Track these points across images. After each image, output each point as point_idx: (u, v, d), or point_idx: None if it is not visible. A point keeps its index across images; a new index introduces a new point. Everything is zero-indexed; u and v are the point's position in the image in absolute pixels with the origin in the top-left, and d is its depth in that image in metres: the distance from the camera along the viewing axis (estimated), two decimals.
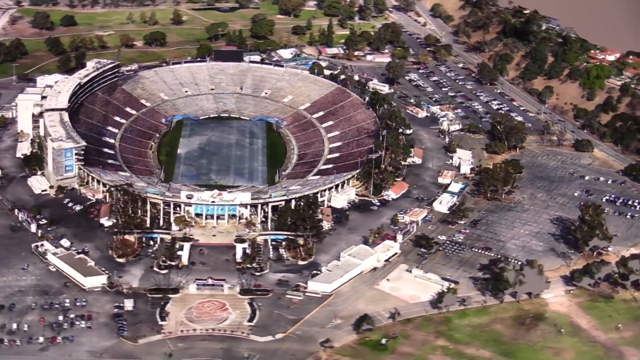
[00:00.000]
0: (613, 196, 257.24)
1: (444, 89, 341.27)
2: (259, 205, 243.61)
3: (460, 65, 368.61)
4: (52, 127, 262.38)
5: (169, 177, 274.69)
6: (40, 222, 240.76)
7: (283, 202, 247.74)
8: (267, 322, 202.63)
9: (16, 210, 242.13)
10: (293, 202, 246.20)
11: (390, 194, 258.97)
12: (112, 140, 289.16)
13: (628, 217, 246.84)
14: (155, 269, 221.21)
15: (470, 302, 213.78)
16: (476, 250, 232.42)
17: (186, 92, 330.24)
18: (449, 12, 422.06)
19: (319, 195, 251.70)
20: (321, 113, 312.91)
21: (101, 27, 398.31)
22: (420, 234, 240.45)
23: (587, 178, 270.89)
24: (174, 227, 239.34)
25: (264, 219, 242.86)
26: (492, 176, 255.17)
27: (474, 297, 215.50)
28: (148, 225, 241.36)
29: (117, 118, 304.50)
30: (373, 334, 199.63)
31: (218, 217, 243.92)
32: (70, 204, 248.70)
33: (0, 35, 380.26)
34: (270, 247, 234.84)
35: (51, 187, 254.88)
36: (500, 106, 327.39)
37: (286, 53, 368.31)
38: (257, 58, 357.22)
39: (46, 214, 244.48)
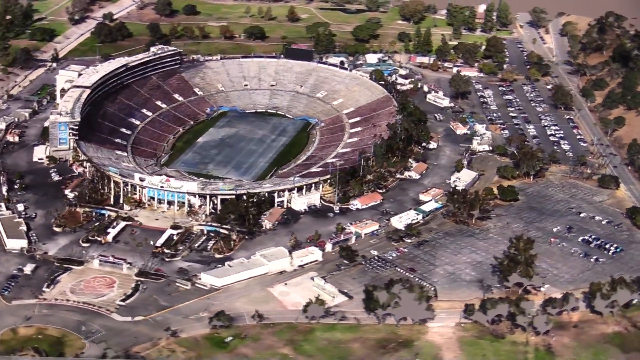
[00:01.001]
0: (592, 237, 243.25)
1: (509, 109, 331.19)
2: (207, 197, 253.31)
3: (550, 86, 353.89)
4: (64, 102, 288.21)
5: (170, 162, 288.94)
6: (15, 186, 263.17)
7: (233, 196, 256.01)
8: (138, 305, 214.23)
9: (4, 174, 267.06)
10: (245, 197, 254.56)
11: (357, 204, 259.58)
12: (137, 122, 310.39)
13: (592, 260, 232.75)
14: (80, 241, 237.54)
15: (348, 318, 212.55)
16: (400, 270, 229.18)
17: (245, 85, 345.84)
18: (578, 32, 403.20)
19: (276, 195, 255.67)
20: (358, 118, 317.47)
21: (219, 18, 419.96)
22: (347, 246, 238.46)
23: (582, 215, 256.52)
24: (126, 207, 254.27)
25: (212, 210, 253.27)
26: (456, 200, 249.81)
27: (358, 314, 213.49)
28: (112, 202, 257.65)
29: (158, 102, 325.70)
30: (226, 331, 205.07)
31: (170, 203, 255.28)
32: (52, 174, 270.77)
33: (123, 18, 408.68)
34: (204, 237, 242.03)
35: (47, 157, 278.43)
36: (556, 132, 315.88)
37: (373, 58, 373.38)
38: (338, 60, 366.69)
39: (26, 180, 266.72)
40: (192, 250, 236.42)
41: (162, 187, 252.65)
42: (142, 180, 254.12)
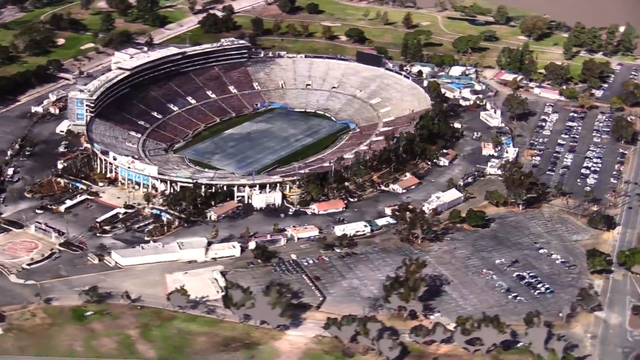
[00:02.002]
0: (530, 274, 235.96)
1: (562, 135, 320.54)
2: (168, 182, 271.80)
3: (631, 118, 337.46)
4: (95, 81, 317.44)
5: (183, 148, 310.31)
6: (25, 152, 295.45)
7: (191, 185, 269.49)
8: (40, 270, 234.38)
9: (18, 140, 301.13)
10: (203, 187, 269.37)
11: (314, 209, 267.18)
12: (175, 109, 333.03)
13: (510, 297, 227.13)
14: (37, 209, 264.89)
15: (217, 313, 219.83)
16: (304, 277, 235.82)
17: (307, 85, 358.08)
18: None
19: (235, 189, 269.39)
20: (388, 128, 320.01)
21: (338, 19, 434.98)
22: (264, 246, 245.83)
23: (541, 251, 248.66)
24: (100, 183, 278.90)
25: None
26: (399, 217, 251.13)
27: (227, 311, 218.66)
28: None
29: (209, 92, 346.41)
30: (95, 306, 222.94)
31: (137, 184, 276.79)
32: (61, 146, 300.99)
33: (244, 12, 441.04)
34: (150, 219, 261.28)
35: (66, 130, 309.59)
36: (593, 165, 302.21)
37: (457, 70, 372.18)
38: (426, 69, 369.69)
39: (37, 148, 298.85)
40: (129, 230, 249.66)
41: (129, 167, 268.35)
42: (114, 159, 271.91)
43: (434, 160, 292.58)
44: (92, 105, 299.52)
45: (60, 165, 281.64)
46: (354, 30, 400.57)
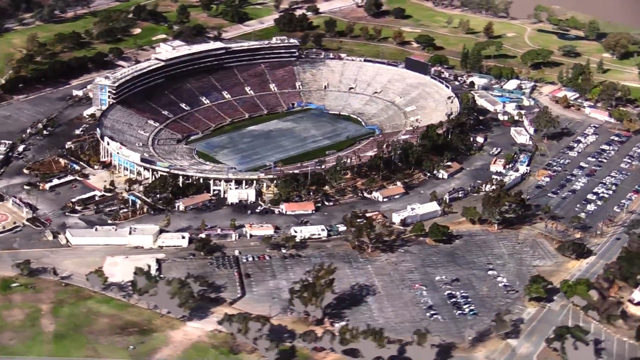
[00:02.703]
0: (463, 294, 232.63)
1: (589, 158, 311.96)
2: (150, 170, 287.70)
3: None
4: (125, 69, 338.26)
5: (198, 140, 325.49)
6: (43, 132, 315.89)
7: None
8: None
9: (44, 120, 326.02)
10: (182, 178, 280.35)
11: (283, 208, 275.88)
12: (206, 102, 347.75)
13: (428, 314, 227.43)
14: (25, 185, 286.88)
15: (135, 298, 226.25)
16: (235, 272, 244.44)
17: (350, 88, 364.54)
18: None
19: (211, 182, 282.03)
20: (408, 136, 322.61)
21: (420, 25, 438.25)
22: (208, 239, 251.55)
23: (489, 272, 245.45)
24: (96, 167, 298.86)
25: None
26: (349, 224, 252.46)
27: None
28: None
29: (247, 88, 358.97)
30: (25, 279, 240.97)
31: (126, 169, 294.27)
32: (80, 129, 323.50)
33: (330, 13, 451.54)
34: (125, 204, 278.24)
35: (91, 114, 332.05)
36: (603, 193, 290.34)
37: (512, 84, 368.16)
38: (482, 81, 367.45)
39: (59, 129, 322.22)
40: (98, 212, 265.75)
41: (117, 152, 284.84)
42: (108, 144, 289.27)
43: (433, 172, 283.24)
44: (114, 92, 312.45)
45: (68, 146, 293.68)
46: (423, 37, 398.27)
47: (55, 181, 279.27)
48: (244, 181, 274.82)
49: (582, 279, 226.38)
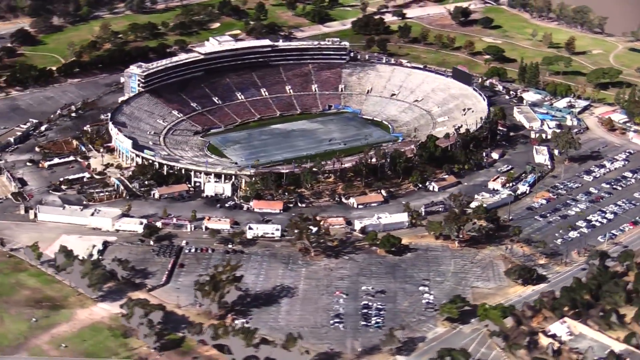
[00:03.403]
0: (378, 306, 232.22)
1: (602, 184, 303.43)
2: (141, 158, 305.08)
3: None
4: (163, 60, 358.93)
5: (216, 134, 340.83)
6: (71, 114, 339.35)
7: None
8: None
9: (79, 103, 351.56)
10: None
11: (251, 206, 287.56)
12: (240, 98, 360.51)
13: (332, 322, 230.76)
14: (27, 162, 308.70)
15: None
16: (168, 259, 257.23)
17: (392, 94, 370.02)
18: None
19: (192, 174, 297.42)
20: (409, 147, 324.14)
21: (505, 36, 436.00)
22: (155, 227, 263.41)
23: (420, 288, 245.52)
24: (102, 150, 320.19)
25: None
26: (291, 226, 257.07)
27: None
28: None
29: (287, 87, 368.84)
30: None
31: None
32: (106, 114, 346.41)
33: (418, 19, 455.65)
34: (109, 188, 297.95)
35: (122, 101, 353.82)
36: (599, 220, 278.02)
37: (563, 102, 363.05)
38: (534, 97, 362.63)
39: (88, 113, 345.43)
40: (80, 192, 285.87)
41: (116, 138, 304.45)
42: (110, 129, 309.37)
43: (424, 184, 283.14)
44: (143, 80, 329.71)
45: (85, 130, 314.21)
46: (492, 48, 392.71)
47: (56, 160, 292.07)
48: (222, 175, 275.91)
49: (500, 305, 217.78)
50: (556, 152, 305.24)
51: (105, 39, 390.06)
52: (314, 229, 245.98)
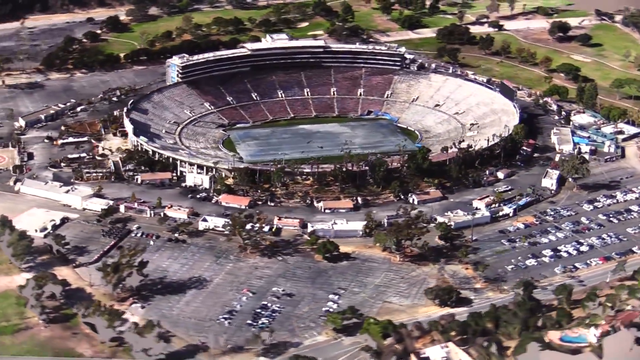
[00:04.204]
0: (276, 309, 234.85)
1: (599, 215, 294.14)
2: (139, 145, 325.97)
3: None
4: (207, 54, 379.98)
5: (244, 129, 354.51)
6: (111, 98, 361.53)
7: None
8: None
9: (125, 88, 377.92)
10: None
11: (220, 200, 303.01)
12: (279, 97, 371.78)
13: (218, 317, 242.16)
14: (45, 138, 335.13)
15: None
16: (109, 241, 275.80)
17: (436, 105, 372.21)
18: None
19: (178, 163, 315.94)
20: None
21: (600, 55, 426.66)
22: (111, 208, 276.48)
23: (330, 296, 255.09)
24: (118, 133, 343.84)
25: None
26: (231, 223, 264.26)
27: None
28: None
29: (333, 89, 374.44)
30: None
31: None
32: None
33: (515, 32, 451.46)
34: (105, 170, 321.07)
35: None
36: (566, 252, 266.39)
37: (610, 127, 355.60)
38: (586, 120, 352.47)
39: (127, 97, 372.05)
40: (75, 170, 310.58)
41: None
42: (120, 117, 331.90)
43: (405, 196, 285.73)
44: (181, 71, 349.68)
45: (115, 113, 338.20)
46: (567, 65, 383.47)
47: (70, 139, 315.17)
48: (205, 167, 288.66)
49: (383, 321, 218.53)
50: (570, 177, 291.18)
51: (185, 30, 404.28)
52: (252, 227, 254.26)
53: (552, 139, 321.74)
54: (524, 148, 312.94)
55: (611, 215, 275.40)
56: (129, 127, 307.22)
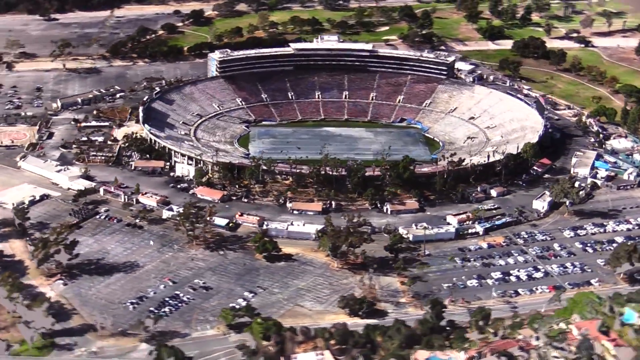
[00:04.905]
0: (183, 300, 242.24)
1: (576, 243, 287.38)
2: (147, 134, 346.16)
3: None
4: (250, 50, 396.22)
5: (267, 126, 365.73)
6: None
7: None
8: None
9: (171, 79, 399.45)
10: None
11: (200, 194, 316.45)
12: (316, 97, 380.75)
13: (120, 304, 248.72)
14: (72, 120, 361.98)
15: None
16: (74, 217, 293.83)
17: (471, 118, 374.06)
18: None
19: (172, 153, 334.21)
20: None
21: None
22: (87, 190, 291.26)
23: (243, 293, 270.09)
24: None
25: None
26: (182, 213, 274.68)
27: None
28: None
29: (372, 94, 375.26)
30: None
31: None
32: None
33: (602, 49, 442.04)
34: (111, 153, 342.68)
35: None
36: (520, 275, 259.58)
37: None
38: (624, 144, 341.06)
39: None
40: (82, 152, 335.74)
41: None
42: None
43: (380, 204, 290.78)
44: (219, 66, 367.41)
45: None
46: (629, 87, 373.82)
47: (93, 123, 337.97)
48: (194, 159, 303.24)
49: (275, 322, 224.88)
50: (569, 201, 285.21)
51: (257, 27, 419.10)
52: (197, 219, 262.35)
53: (572, 161, 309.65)
54: (535, 168, 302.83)
55: (589, 245, 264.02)
56: (140, 114, 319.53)
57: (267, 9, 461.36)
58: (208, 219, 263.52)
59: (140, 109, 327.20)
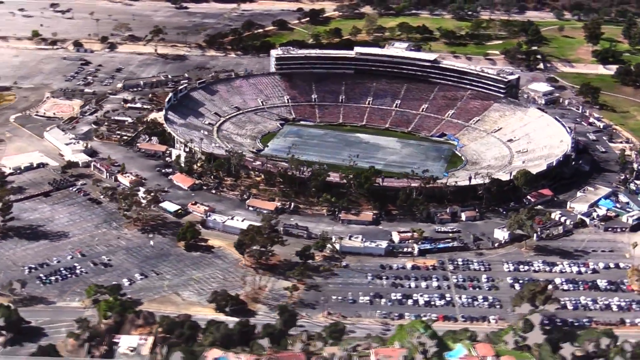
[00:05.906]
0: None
1: (508, 279, 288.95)
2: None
3: None
4: (310, 51, 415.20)
5: (301, 126, 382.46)
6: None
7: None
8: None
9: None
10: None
11: (175, 180, 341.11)
12: (365, 103, 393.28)
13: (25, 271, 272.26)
14: (122, 100, 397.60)
15: None
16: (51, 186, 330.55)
17: (510, 140, 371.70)
18: None
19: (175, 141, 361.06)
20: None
21: None
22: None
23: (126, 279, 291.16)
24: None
25: None
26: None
27: None
28: None
29: (424, 105, 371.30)
30: None
31: None
32: None
33: None
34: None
35: None
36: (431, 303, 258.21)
37: None
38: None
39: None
40: (107, 130, 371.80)
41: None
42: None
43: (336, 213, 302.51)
44: (276, 63, 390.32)
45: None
46: None
47: (137, 105, 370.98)
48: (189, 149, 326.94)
49: (117, 301, 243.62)
50: (535, 235, 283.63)
51: (364, 30, 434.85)
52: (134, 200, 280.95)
53: (577, 195, 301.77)
54: (528, 197, 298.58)
55: (520, 281, 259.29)
56: (167, 101, 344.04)
57: (394, 14, 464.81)
58: (143, 203, 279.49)
59: (170, 94, 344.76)
